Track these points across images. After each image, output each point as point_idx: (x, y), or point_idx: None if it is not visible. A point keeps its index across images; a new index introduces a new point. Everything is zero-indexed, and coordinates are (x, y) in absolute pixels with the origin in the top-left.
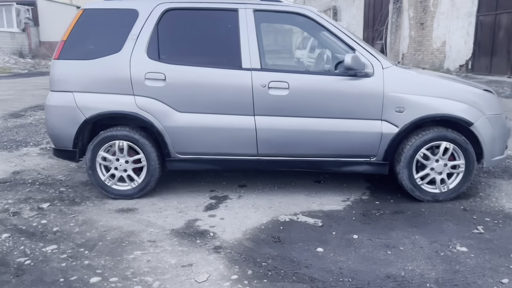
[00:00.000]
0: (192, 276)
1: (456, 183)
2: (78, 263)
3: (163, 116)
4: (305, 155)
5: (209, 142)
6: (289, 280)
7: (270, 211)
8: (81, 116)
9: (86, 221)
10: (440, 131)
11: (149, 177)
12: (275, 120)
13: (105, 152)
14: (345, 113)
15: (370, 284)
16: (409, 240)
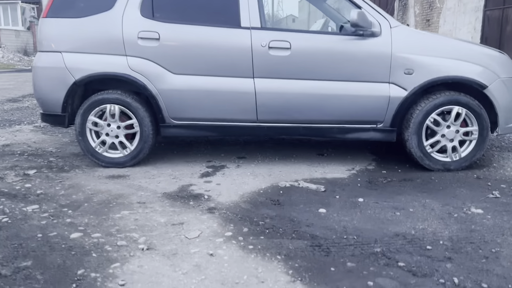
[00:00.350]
0: (183, 233)
1: (468, 151)
2: (60, 221)
3: (157, 78)
4: (307, 121)
5: (205, 107)
6: (288, 237)
7: (270, 178)
8: (70, 78)
9: (73, 185)
10: (452, 95)
11: (142, 143)
12: (276, 83)
13: (95, 117)
14: (350, 76)
15: (377, 242)
16: (419, 203)
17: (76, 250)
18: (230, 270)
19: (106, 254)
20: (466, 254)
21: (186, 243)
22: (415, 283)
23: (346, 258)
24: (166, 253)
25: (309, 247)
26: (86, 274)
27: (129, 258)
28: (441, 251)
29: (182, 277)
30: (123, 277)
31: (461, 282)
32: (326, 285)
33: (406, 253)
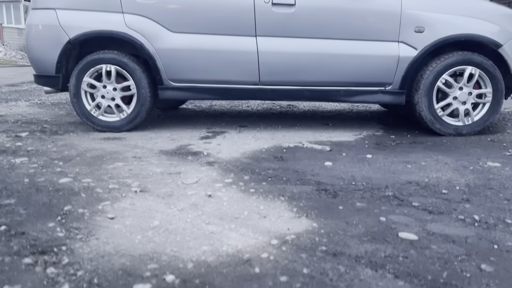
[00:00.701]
0: (180, 179)
1: (481, 115)
2: (49, 170)
3: (155, 37)
4: (312, 83)
5: (205, 67)
6: (292, 184)
7: (273, 141)
8: (65, 36)
9: (66, 144)
10: (465, 55)
11: (139, 106)
12: (279, 42)
13: (91, 78)
14: (358, 34)
15: (388, 187)
16: (431, 159)
17: (64, 191)
18: (230, 207)
19: (96, 195)
20: (486, 197)
21: (182, 187)
22: (431, 219)
23: (355, 200)
24: (161, 194)
25: (315, 191)
26: (73, 210)
27: (120, 198)
28: (458, 195)
29: (177, 212)
30: (113, 213)
31: (482, 219)
32: (334, 220)
33: (420, 196)
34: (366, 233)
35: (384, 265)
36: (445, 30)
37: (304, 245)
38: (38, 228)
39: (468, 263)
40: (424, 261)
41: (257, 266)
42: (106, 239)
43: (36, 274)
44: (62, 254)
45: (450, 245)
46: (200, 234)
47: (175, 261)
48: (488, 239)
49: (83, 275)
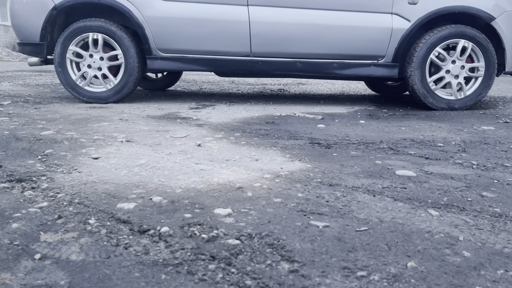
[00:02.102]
0: (169, 134)
1: (474, 89)
2: (31, 126)
3: (144, 5)
4: (305, 54)
5: (195, 37)
6: (285, 139)
7: (264, 111)
8: (50, 2)
9: (50, 110)
10: (458, 27)
11: (127, 76)
12: (272, 12)
13: (77, 47)
14: (351, 5)
15: (383, 142)
16: (425, 124)
17: (45, 140)
18: (220, 153)
19: (79, 143)
20: (482, 149)
21: (171, 140)
22: (428, 163)
23: (350, 150)
24: (148, 143)
25: (308, 144)
26: (55, 153)
27: (105, 146)
28: (454, 147)
29: (165, 156)
30: (97, 155)
31: (480, 163)
32: (329, 163)
33: (415, 148)
34: (362, 172)
35: (382, 192)
36: (439, 2)
37: (298, 179)
38: (17, 164)
39: (468, 192)
40: (423, 191)
41: (249, 192)
42: (89, 172)
43: (12, 195)
44: (41, 182)
45: (449, 180)
46: (190, 171)
47: (163, 188)
48: (487, 177)
49: (63, 197)
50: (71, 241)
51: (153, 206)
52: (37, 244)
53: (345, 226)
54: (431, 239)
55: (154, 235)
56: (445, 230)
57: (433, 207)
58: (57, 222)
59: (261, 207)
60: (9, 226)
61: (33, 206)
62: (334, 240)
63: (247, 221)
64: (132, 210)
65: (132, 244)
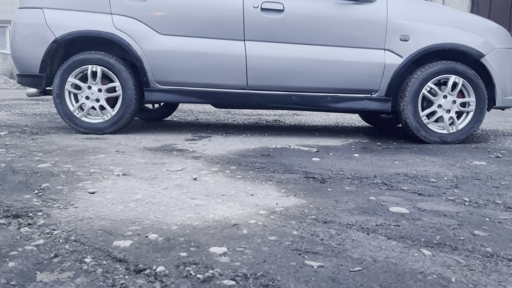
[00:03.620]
0: (165, 167)
1: (465, 124)
2: (28, 158)
3: (143, 38)
4: (299, 88)
5: (192, 70)
6: (280, 173)
7: (259, 143)
8: (50, 35)
9: (47, 141)
10: (449, 63)
11: (124, 108)
12: (268, 47)
13: (76, 78)
14: (345, 41)
15: (376, 177)
16: (418, 158)
17: (42, 173)
18: (216, 188)
19: (76, 176)
20: (474, 185)
21: (167, 173)
22: (421, 199)
23: (344, 185)
24: (145, 177)
25: (303, 178)
26: (51, 187)
27: (102, 180)
28: (446, 183)
29: (161, 190)
30: (94, 189)
31: (472, 200)
32: (323, 199)
33: (409, 183)
34: (356, 208)
35: (376, 230)
36: (430, 39)
37: (293, 215)
38: (13, 198)
39: (461, 230)
40: (416, 228)
41: (245, 229)
42: (86, 207)
43: (9, 232)
44: (38, 218)
45: (441, 218)
46: (185, 206)
47: (159, 224)
48: (479, 214)
49: (59, 234)
50: (67, 281)
51: (149, 244)
52: (33, 284)
53: (339, 266)
54: (424, 280)
55: (150, 275)
56: (437, 271)
57: (426, 246)
58: (53, 260)
59: (256, 246)
60: (6, 265)
61: (29, 243)
62: (328, 280)
63: (242, 261)
64: (128, 248)
65: (128, 285)
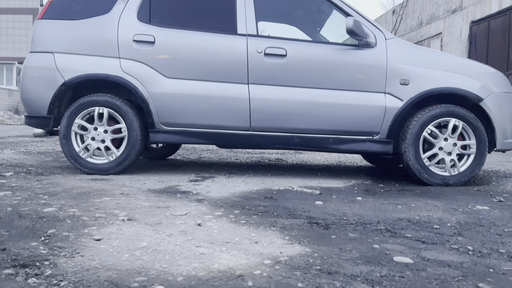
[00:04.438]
0: (169, 212)
1: (467, 166)
2: (33, 202)
3: (150, 82)
4: (302, 130)
5: (197, 112)
6: (283, 218)
7: (262, 185)
8: (60, 78)
9: (52, 183)
10: (448, 107)
11: (129, 149)
12: (271, 90)
13: (82, 120)
14: (346, 85)
15: (380, 222)
16: (420, 202)
17: (48, 218)
18: (220, 234)
19: (81, 221)
20: (477, 232)
21: (171, 218)
22: (425, 247)
23: (348, 231)
24: (149, 222)
25: (307, 224)
26: (57, 233)
27: (107, 225)
28: (450, 230)
29: (166, 237)
30: (99, 235)
31: (476, 249)
32: (328, 247)
33: (412, 230)
34: (360, 257)
35: (381, 282)
36: (429, 83)
37: (298, 265)
38: (20, 246)
39: (465, 283)
40: (421, 280)
41: (250, 281)
42: (92, 256)
43: (17, 283)
44: (45, 267)
45: (445, 268)
46: (190, 255)
47: (164, 275)
48: (483, 265)
49: (66, 285)
50: None
51: None
52: None
53: None
54: None
55: None
56: None
57: None
58: None
59: None
60: None
61: None
62: None
63: None
64: None
65: None
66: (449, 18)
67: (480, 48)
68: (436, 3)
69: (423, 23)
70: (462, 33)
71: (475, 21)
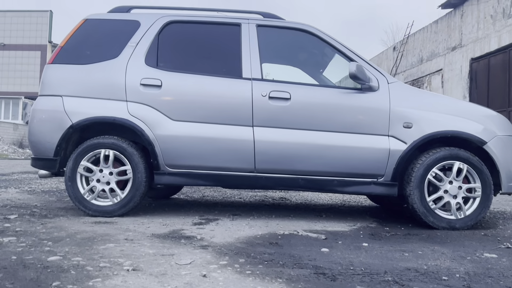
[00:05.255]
0: (173, 260)
1: (473, 209)
2: (38, 249)
3: (156, 124)
4: (306, 172)
5: (202, 154)
6: (289, 267)
7: (267, 228)
8: (68, 121)
9: (56, 226)
10: (452, 150)
11: (133, 191)
12: (275, 132)
13: (88, 162)
14: (349, 127)
15: (387, 273)
16: (427, 248)
17: (52, 268)
18: (226, 287)
19: (86, 272)
20: (486, 284)
21: (176, 267)
22: None
23: (355, 283)
24: (154, 273)
25: (313, 274)
26: (62, 286)
27: (112, 276)
28: (459, 281)
29: None
30: None
31: None
32: None
33: (420, 281)
34: None
35: None
36: (432, 126)
37: None
38: None
39: None
40: None
41: None
42: None
43: None
44: None
45: None
46: None
47: None
48: None
49: None
50: None
51: None
52: None
53: None
54: None
55: None
56: None
57: None
58: None
59: None
60: None
61: None
62: None
63: None
64: None
65: None
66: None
67: (481, 84)
68: (435, 40)
69: (423, 60)
70: (462, 69)
71: (475, 58)
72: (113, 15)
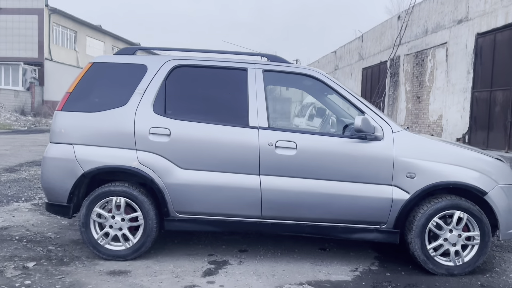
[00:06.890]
0: None
1: (471, 256)
2: None
3: (165, 173)
4: (311, 219)
5: (211, 201)
6: None
7: (274, 279)
8: (79, 170)
9: (74, 283)
10: (453, 200)
11: (145, 237)
12: (281, 181)
13: (100, 208)
14: (354, 177)
15: None
16: None
17: None
18: None
19: None
20: None
21: None
22: None
23: None
24: None
25: None
26: None
27: None
28: None
29: None
30: None
31: None
32: None
33: None
34: None
35: None
36: (435, 177)
37: None
38: None
39: None
40: None
41: None
42: None
43: None
44: None
45: None
46: None
47: None
48: None
49: None
50: None
51: None
52: None
53: None
54: None
55: None
56: None
57: None
58: None
59: None
60: None
61: None
62: None
63: None
64: None
65: None
66: (454, 28)
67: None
68: (441, 12)
69: (428, 31)
70: (468, 44)
71: (481, 33)
72: (119, 58)
